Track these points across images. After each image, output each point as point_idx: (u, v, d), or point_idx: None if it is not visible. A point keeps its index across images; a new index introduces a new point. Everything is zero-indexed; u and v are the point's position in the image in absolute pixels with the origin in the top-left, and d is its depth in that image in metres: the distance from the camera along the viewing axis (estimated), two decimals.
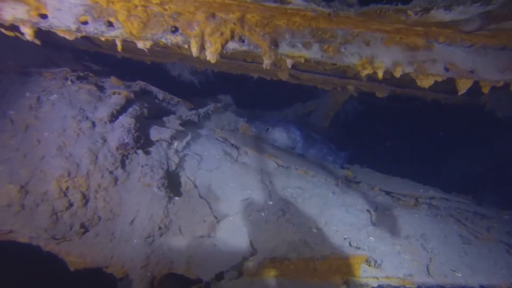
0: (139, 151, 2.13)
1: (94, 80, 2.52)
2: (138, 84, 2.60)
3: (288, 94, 4.49)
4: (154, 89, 2.64)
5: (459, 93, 1.80)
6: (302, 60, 1.71)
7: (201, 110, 2.78)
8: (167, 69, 3.40)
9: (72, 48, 3.20)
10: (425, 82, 1.82)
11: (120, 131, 2.03)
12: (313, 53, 1.70)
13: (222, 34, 1.56)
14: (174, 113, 2.80)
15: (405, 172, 3.60)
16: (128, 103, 2.26)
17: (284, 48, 1.67)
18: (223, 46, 1.59)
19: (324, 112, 4.60)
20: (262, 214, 2.12)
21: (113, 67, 3.51)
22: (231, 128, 3.21)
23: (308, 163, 3.02)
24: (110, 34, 1.52)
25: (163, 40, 1.58)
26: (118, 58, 3.41)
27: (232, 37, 1.60)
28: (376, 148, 5.34)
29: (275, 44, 1.65)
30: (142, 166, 2.08)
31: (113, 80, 2.46)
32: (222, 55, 1.65)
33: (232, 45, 1.63)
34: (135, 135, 2.08)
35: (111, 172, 2.07)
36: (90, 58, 3.39)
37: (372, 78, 3.21)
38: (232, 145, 2.68)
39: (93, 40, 2.77)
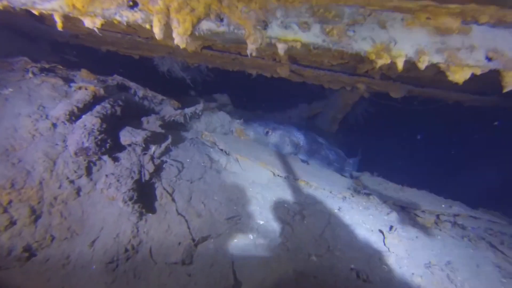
0: (105, 157, 1.79)
1: (65, 73, 2.20)
2: (115, 79, 2.27)
3: (292, 94, 4.10)
4: (133, 85, 2.29)
5: (505, 90, 1.38)
6: (298, 46, 1.33)
7: (188, 110, 2.42)
8: (155, 64, 3.06)
9: (52, 40, 2.91)
10: (459, 76, 1.41)
11: (80, 133, 1.69)
12: (312, 36, 1.32)
13: (193, 10, 1.20)
14: (157, 113, 2.46)
15: (420, 181, 3.18)
16: (96, 100, 1.92)
17: (274, 30, 1.29)
18: (194, 26, 1.22)
19: (331, 114, 4.18)
20: (250, 236, 1.75)
21: (98, 61, 3.20)
22: (225, 130, 2.85)
23: (311, 172, 2.63)
24: (45, 6, 1.17)
25: (118, 18, 1.23)
26: (103, 52, 3.10)
27: (207, 15, 1.24)
28: (388, 155, 4.89)
29: (263, 24, 1.28)
30: (106, 176, 1.73)
31: (83, 73, 2.13)
32: (199, 40, 1.29)
33: (206, 25, 1.26)
34: (99, 137, 1.74)
35: (72, 182, 1.74)
36: (72, 52, 3.09)
37: (385, 75, 2.79)
38: (221, 150, 2.31)
39: (70, 29, 2.45)
